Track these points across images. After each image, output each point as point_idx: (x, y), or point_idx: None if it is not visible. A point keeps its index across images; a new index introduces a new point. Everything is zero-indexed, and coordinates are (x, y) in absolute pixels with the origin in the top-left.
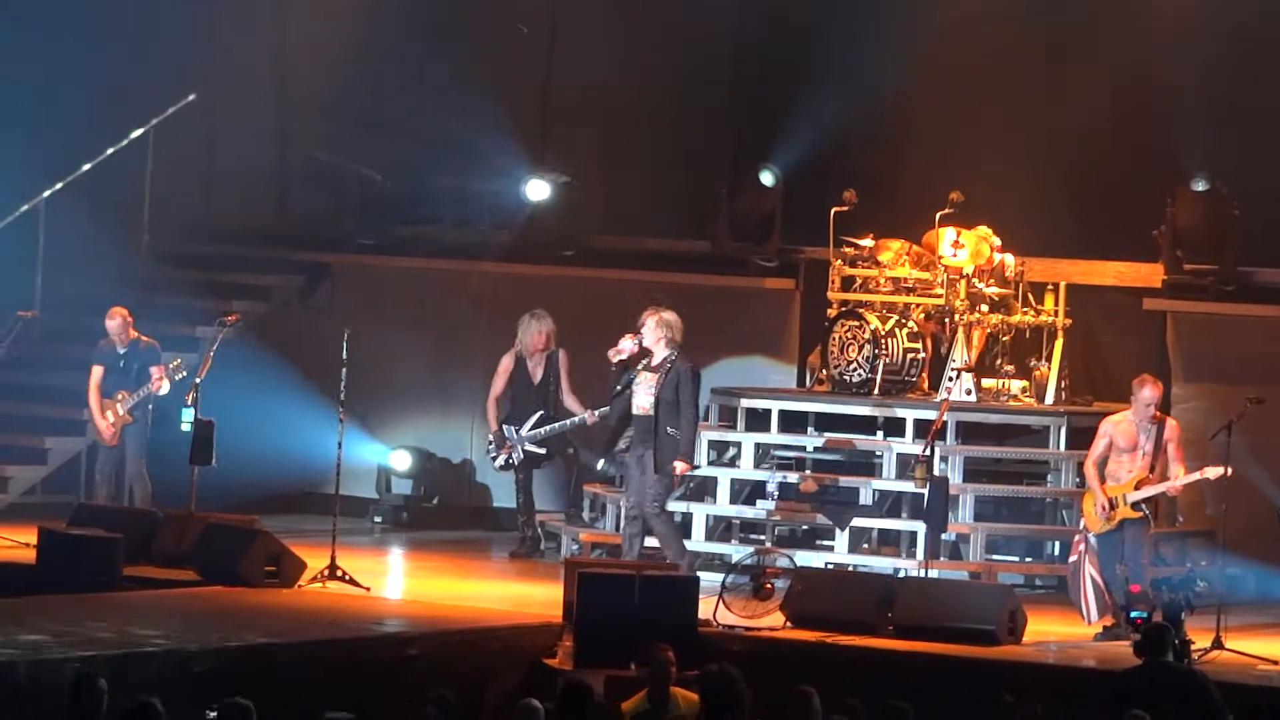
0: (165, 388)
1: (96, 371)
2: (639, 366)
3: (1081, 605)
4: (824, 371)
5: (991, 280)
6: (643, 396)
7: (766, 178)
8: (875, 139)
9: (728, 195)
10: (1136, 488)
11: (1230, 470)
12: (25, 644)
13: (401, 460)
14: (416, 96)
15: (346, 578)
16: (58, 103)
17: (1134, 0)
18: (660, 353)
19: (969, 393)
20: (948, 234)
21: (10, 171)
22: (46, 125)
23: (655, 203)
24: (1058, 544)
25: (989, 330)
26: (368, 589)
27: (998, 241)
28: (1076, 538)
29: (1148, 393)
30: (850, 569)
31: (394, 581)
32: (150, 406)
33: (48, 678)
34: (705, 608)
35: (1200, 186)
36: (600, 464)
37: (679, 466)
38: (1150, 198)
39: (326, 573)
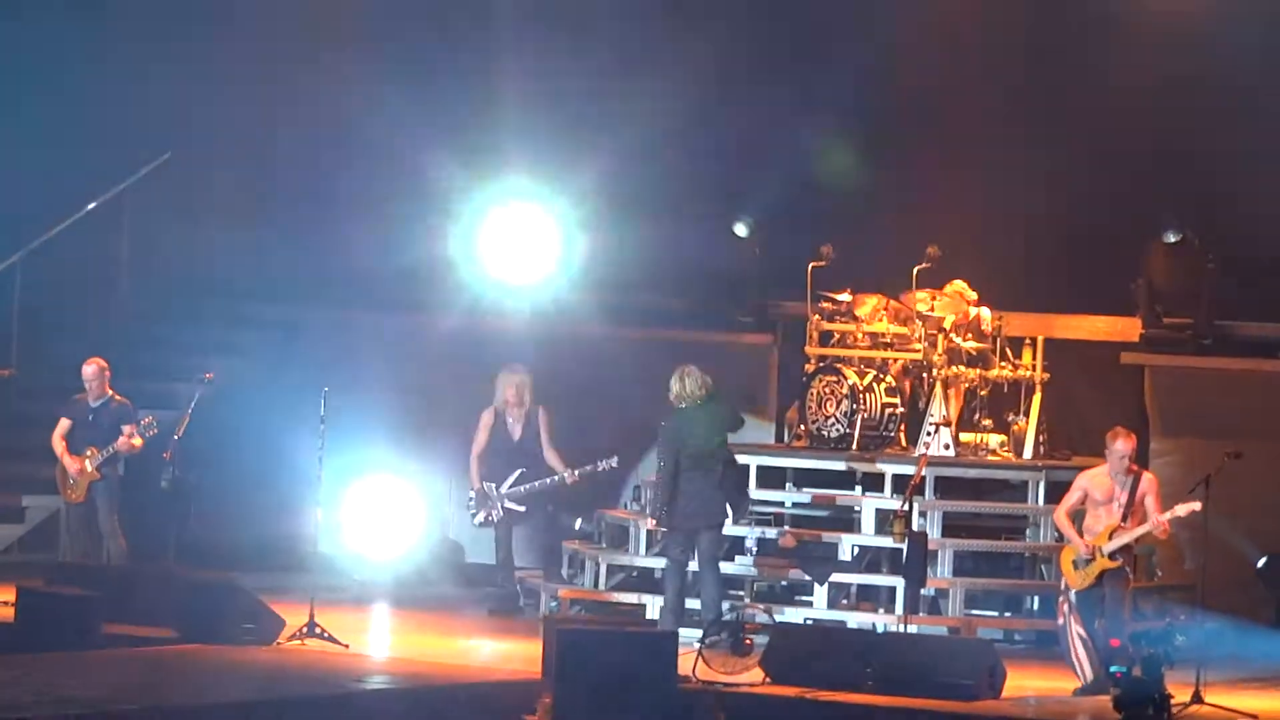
0: (137, 446)
1: (63, 424)
2: None
3: (1075, 665)
4: (802, 427)
5: (969, 335)
6: None
7: (740, 229)
8: (852, 195)
9: (707, 250)
10: (1110, 537)
11: (1201, 505)
12: (2, 704)
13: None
14: (395, 149)
15: (326, 635)
16: (34, 159)
17: (1110, 54)
18: None
19: (947, 447)
20: None
21: None
22: (23, 182)
23: (634, 258)
24: (1037, 599)
25: (967, 385)
26: (346, 646)
27: (973, 295)
28: (1061, 598)
29: (1120, 445)
30: (829, 624)
31: (373, 638)
32: (120, 464)
33: None
34: (685, 664)
35: (1171, 239)
36: (579, 523)
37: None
38: (1127, 251)
39: (305, 630)
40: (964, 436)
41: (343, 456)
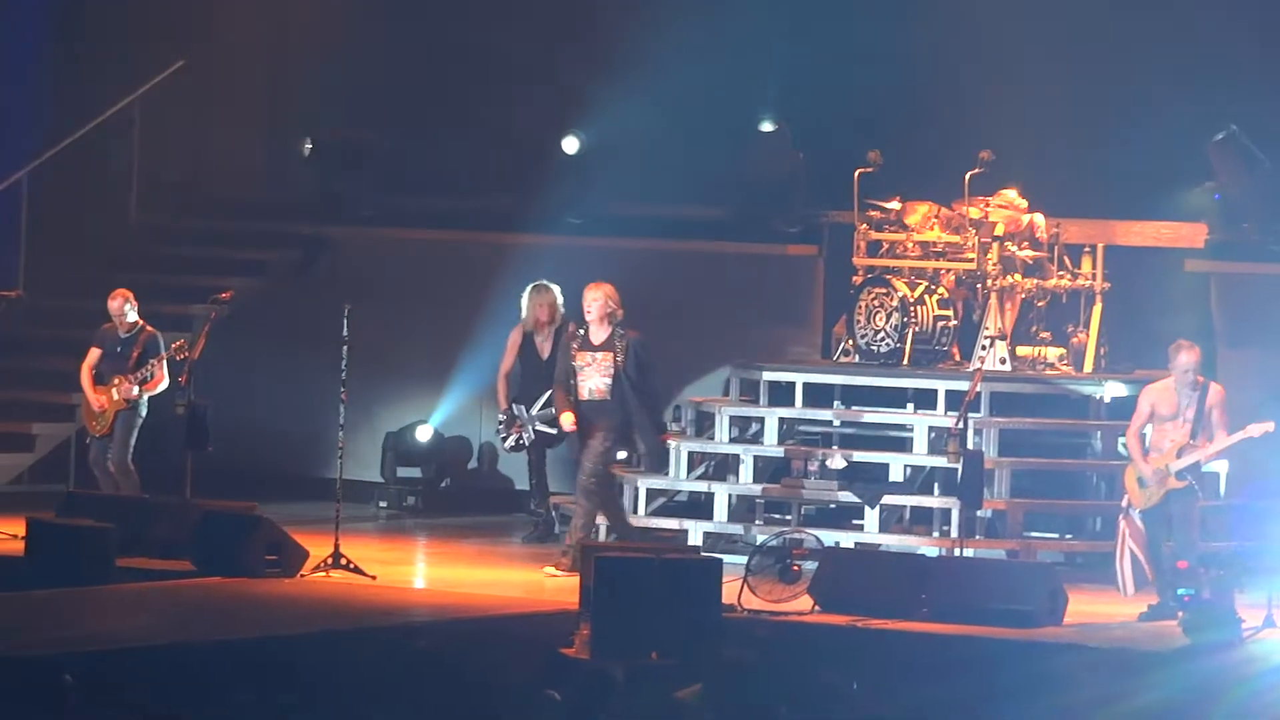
0: (164, 385)
1: (92, 353)
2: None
3: (1119, 578)
4: (850, 341)
5: (1024, 243)
6: (596, 380)
7: (766, 126)
8: (901, 96)
9: (748, 158)
10: (1179, 456)
11: (1275, 425)
12: (14, 641)
13: (424, 432)
14: (421, 59)
15: (351, 566)
16: (39, 72)
17: None
18: (604, 329)
19: (1003, 362)
20: None
21: None
22: (27, 96)
23: (669, 166)
24: (1099, 519)
25: (1024, 296)
26: (374, 577)
27: (1024, 203)
28: (1121, 515)
29: (1184, 359)
30: (881, 549)
31: (401, 570)
32: (147, 397)
33: (40, 676)
34: (730, 592)
35: (1219, 138)
36: (621, 456)
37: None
38: (1190, 154)
39: (330, 561)
40: (1021, 350)
41: (367, 378)
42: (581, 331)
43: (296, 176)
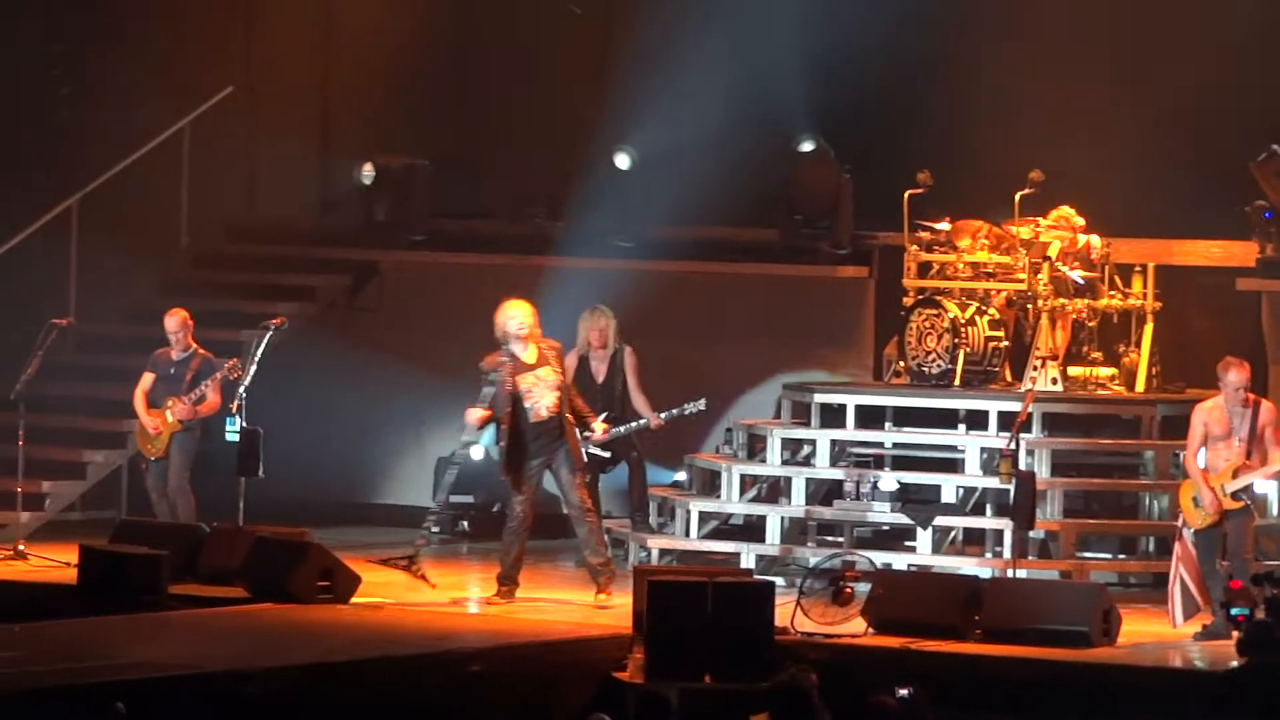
0: (218, 407)
1: (146, 378)
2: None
3: (1170, 606)
4: (901, 363)
5: (1076, 263)
6: (549, 396)
7: (806, 145)
8: (950, 116)
9: (790, 178)
10: (1234, 476)
11: None
12: (69, 669)
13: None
14: (466, 84)
15: (420, 573)
16: (89, 98)
17: None
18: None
19: (1055, 382)
20: None
21: (41, 172)
22: (76, 122)
23: (719, 189)
24: (1152, 539)
25: (1074, 316)
26: (434, 585)
27: (1081, 222)
28: (1176, 537)
29: (1233, 376)
30: (934, 570)
31: (454, 594)
32: (199, 424)
33: (92, 704)
34: (782, 615)
35: (1261, 158)
36: (678, 476)
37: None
38: (1241, 173)
39: (406, 563)
40: (1072, 370)
41: (417, 402)
42: (505, 359)
43: (346, 202)
